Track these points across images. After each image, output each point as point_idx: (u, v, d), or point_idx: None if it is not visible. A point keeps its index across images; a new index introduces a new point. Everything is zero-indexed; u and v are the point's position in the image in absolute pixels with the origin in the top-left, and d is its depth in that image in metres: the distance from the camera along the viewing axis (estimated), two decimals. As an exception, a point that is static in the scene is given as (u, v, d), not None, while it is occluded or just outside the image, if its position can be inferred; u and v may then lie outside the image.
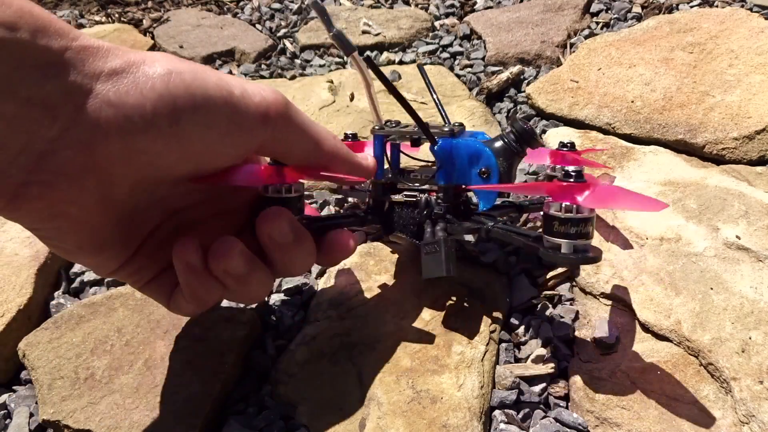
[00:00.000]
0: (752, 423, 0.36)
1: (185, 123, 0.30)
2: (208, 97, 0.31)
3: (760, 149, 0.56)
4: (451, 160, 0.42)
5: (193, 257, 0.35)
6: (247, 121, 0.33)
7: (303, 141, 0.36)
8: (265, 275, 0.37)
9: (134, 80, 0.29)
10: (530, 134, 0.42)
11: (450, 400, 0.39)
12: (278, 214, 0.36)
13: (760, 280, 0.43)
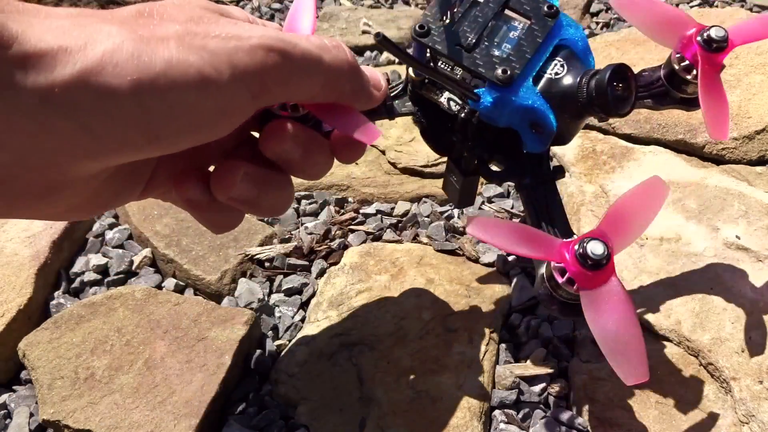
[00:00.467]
0: (752, 423, 0.36)
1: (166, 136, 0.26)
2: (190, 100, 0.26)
3: (760, 149, 0.56)
4: (498, 112, 0.33)
5: (193, 193, 0.32)
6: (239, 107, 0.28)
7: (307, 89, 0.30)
8: (278, 188, 0.34)
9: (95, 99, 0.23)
10: (610, 108, 0.32)
11: (450, 400, 0.39)
12: (279, 132, 0.32)
13: (760, 280, 0.43)
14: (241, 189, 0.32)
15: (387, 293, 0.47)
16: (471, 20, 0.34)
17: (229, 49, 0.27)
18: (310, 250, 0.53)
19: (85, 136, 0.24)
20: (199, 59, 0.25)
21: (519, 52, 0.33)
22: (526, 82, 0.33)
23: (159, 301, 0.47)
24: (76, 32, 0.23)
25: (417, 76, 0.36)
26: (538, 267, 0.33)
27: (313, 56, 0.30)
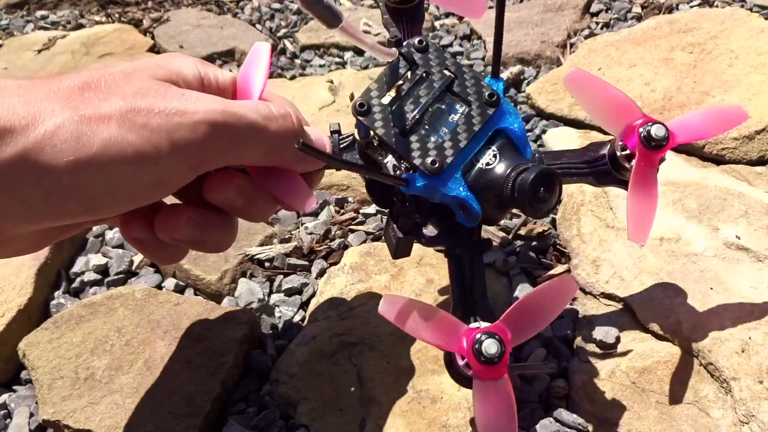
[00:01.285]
0: (752, 423, 0.36)
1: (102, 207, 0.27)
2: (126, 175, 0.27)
3: (760, 149, 0.56)
4: (427, 194, 0.34)
5: (138, 232, 0.33)
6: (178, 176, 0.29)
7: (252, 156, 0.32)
8: (221, 229, 0.35)
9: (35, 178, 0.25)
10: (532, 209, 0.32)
11: (450, 400, 0.39)
12: (222, 183, 0.33)
13: (760, 280, 0.43)
14: (184, 232, 0.33)
15: (387, 293, 0.47)
16: (415, 98, 0.34)
17: (171, 125, 0.28)
18: (310, 250, 0.53)
19: (23, 208, 0.25)
20: (137, 138, 0.27)
21: (454, 140, 0.34)
22: (455, 173, 0.34)
23: (159, 301, 0.47)
24: (22, 110, 0.25)
25: (363, 138, 0.36)
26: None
27: (258, 127, 0.31)
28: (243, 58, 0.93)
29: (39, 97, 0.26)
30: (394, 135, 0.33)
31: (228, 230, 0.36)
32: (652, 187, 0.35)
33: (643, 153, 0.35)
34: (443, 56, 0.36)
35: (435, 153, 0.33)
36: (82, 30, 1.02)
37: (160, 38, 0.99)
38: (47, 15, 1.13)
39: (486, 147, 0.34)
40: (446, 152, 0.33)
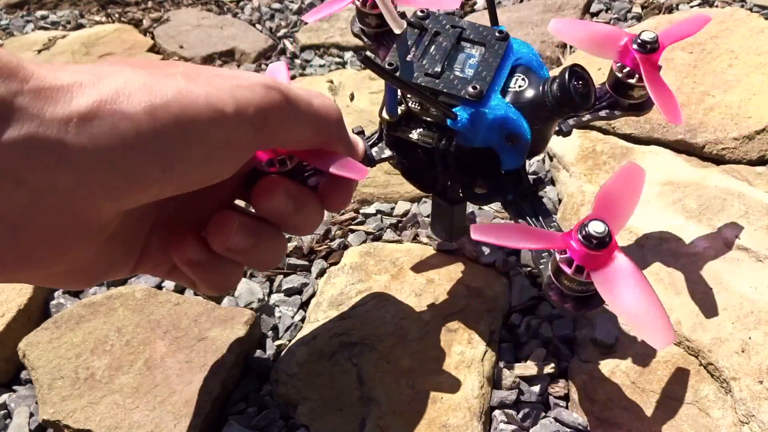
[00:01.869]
0: (752, 423, 0.36)
1: (179, 164, 0.26)
2: (200, 128, 0.26)
3: (760, 149, 0.56)
4: (475, 128, 0.35)
5: (193, 252, 0.33)
6: (244, 138, 0.29)
7: (302, 129, 0.32)
8: (273, 240, 0.34)
9: (113, 125, 0.24)
10: (575, 104, 0.33)
11: (450, 400, 0.39)
12: (271, 189, 0.33)
13: (759, 280, 0.43)
14: (238, 237, 0.32)
15: (387, 293, 0.47)
16: (431, 56, 0.36)
17: (232, 85, 0.28)
18: (310, 250, 0.53)
19: (101, 167, 0.24)
20: (204, 91, 0.26)
21: (481, 74, 0.35)
22: (495, 96, 0.35)
23: (159, 301, 0.47)
24: (89, 71, 0.24)
25: (391, 116, 0.37)
26: (544, 270, 0.33)
27: (304, 99, 0.32)
28: (243, 58, 0.93)
29: (101, 65, 0.26)
30: (428, 80, 0.34)
31: (279, 242, 0.35)
32: (663, 83, 0.39)
33: (644, 59, 0.38)
34: (445, 17, 0.38)
35: (471, 84, 0.35)
36: (82, 30, 1.02)
37: (160, 38, 0.99)
38: (47, 15, 1.13)
39: (511, 76, 0.36)
40: (480, 82, 0.35)
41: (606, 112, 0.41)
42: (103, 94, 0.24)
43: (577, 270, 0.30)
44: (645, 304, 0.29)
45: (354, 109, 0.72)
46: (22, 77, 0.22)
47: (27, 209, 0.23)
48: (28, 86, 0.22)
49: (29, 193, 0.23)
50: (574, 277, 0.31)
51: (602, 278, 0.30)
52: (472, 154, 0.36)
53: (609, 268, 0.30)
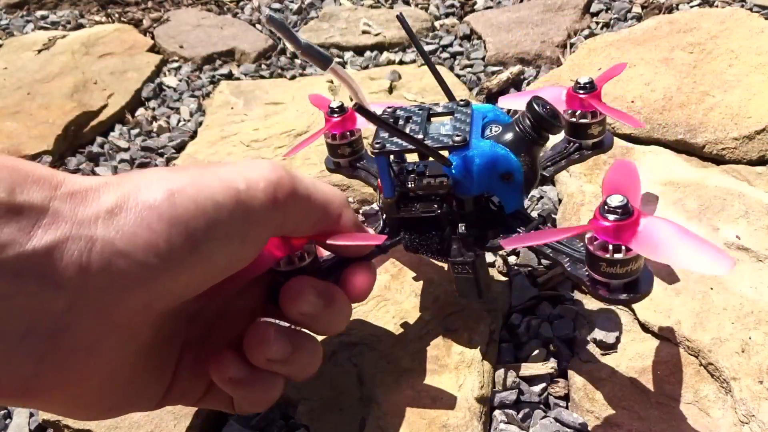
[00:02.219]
0: (752, 423, 0.36)
1: (205, 245, 0.27)
2: (218, 206, 0.27)
3: (760, 149, 0.56)
4: (471, 174, 0.37)
5: (234, 369, 0.32)
6: (261, 214, 0.29)
7: (312, 209, 0.33)
8: (310, 346, 0.34)
9: (137, 215, 0.25)
10: (549, 122, 0.37)
11: (450, 400, 0.39)
12: (300, 289, 0.33)
13: (760, 280, 0.43)
14: (278, 346, 0.32)
15: (387, 293, 0.47)
16: (411, 130, 0.38)
17: (240, 167, 0.30)
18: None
19: (130, 259, 0.25)
20: (216, 176, 0.28)
21: (459, 129, 0.38)
22: (478, 140, 0.38)
23: (159, 301, 0.47)
24: (114, 177, 0.27)
25: (389, 198, 0.39)
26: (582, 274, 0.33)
27: (309, 180, 0.33)
28: (243, 58, 0.93)
29: (120, 174, 0.28)
30: (414, 144, 0.36)
31: (316, 347, 0.35)
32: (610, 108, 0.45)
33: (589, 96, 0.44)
34: (412, 106, 0.41)
35: (454, 135, 0.37)
36: (82, 30, 1.02)
37: (160, 38, 0.99)
38: (47, 15, 1.13)
39: (485, 129, 0.40)
40: (461, 132, 0.38)
41: (578, 155, 0.46)
42: (126, 189, 0.26)
43: (615, 249, 0.30)
44: (692, 240, 0.29)
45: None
46: (55, 184, 0.24)
47: (64, 315, 0.24)
48: (60, 191, 0.24)
49: (66, 297, 0.23)
50: (615, 259, 0.30)
51: (641, 243, 0.29)
52: (474, 207, 0.38)
53: (642, 232, 0.29)
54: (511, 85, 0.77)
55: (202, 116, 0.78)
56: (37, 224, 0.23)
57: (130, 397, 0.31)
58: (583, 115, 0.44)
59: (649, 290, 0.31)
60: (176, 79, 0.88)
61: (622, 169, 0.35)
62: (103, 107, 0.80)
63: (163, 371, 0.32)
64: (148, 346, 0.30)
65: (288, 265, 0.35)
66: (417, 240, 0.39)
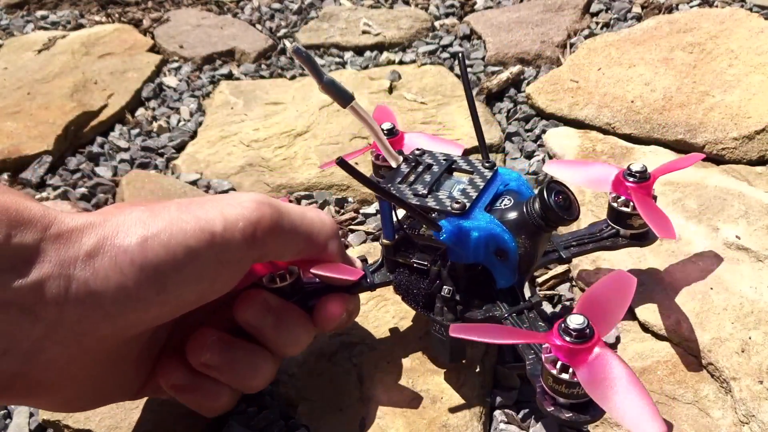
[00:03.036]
0: (752, 423, 0.36)
1: (172, 287, 0.29)
2: (190, 251, 0.29)
3: (760, 149, 0.57)
4: (461, 244, 0.36)
5: (176, 377, 0.34)
6: (236, 254, 0.31)
7: (295, 242, 0.34)
8: (252, 358, 0.35)
9: (111, 259, 0.27)
10: (556, 215, 0.35)
11: (450, 400, 0.39)
12: (250, 299, 0.35)
13: (759, 280, 0.43)
14: (212, 353, 0.33)
15: (387, 293, 0.47)
16: (422, 181, 0.38)
17: (222, 205, 0.31)
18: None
19: (102, 297, 0.27)
20: (194, 217, 0.30)
21: (466, 194, 0.37)
22: (479, 211, 0.36)
23: (159, 301, 0.47)
24: (100, 214, 0.29)
25: (388, 240, 0.39)
26: (534, 375, 0.32)
27: (297, 212, 0.34)
28: (243, 58, 0.93)
29: (109, 207, 0.31)
30: (418, 199, 0.37)
31: (261, 360, 0.35)
32: (655, 207, 0.40)
33: (636, 188, 0.40)
34: (440, 154, 0.41)
35: (455, 201, 0.36)
36: (82, 30, 1.02)
37: (160, 38, 0.99)
38: (47, 15, 1.13)
39: (497, 198, 0.38)
40: (464, 199, 0.37)
41: (610, 242, 0.43)
42: (105, 232, 0.28)
43: (563, 369, 0.30)
44: (634, 397, 0.29)
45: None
46: (46, 224, 0.27)
47: (40, 341, 0.27)
48: (50, 231, 0.27)
49: (43, 327, 0.26)
50: (559, 377, 0.30)
51: (587, 374, 0.29)
52: (467, 273, 0.37)
53: (592, 363, 0.29)
54: (511, 85, 0.77)
55: (202, 116, 0.78)
56: (26, 263, 0.26)
57: (103, 396, 0.34)
58: (626, 203, 0.41)
59: (598, 416, 0.30)
60: (176, 79, 0.88)
61: (616, 283, 0.33)
62: (103, 107, 0.80)
63: (139, 372, 0.35)
64: (123, 358, 0.32)
65: (270, 282, 0.36)
66: (406, 286, 0.39)
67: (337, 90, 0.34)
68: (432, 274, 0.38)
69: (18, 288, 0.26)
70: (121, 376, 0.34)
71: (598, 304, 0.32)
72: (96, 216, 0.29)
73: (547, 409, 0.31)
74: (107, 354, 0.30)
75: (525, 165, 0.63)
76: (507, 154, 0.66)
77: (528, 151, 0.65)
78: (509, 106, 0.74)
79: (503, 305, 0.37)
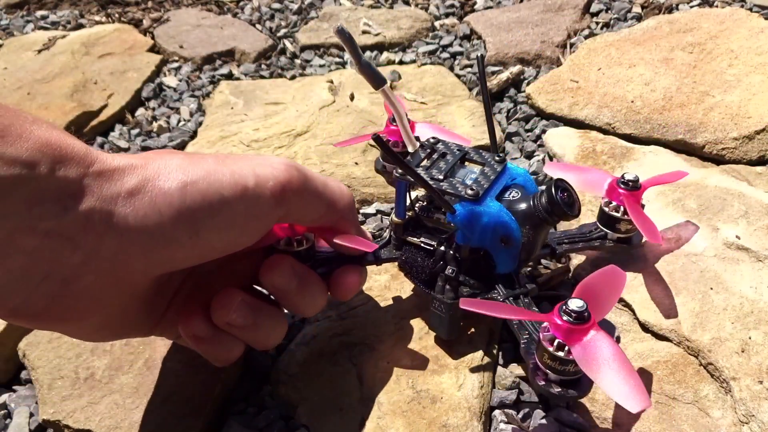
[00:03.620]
0: (752, 423, 0.36)
1: (204, 232, 0.31)
2: (224, 201, 0.31)
3: (760, 149, 0.57)
4: (471, 228, 0.38)
5: (198, 328, 0.36)
6: (264, 209, 0.33)
7: (317, 206, 0.36)
8: (272, 320, 0.37)
9: (151, 199, 0.29)
10: (561, 210, 0.38)
11: (450, 400, 0.39)
12: (279, 263, 0.37)
13: (759, 280, 0.43)
14: (239, 314, 0.35)
15: (387, 293, 0.47)
16: (437, 167, 0.41)
17: (255, 163, 0.33)
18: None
19: (139, 233, 0.29)
20: (230, 170, 0.32)
21: (478, 183, 0.40)
22: (491, 199, 0.39)
23: (159, 301, 0.47)
24: (140, 158, 0.31)
25: (399, 219, 0.42)
26: (529, 352, 0.35)
27: (320, 180, 0.36)
28: (243, 58, 0.93)
29: (149, 152, 0.32)
30: (434, 182, 0.39)
31: (279, 322, 0.38)
32: (644, 214, 0.43)
33: (628, 195, 0.44)
34: (453, 144, 0.44)
35: (469, 187, 0.39)
36: (82, 30, 1.02)
37: (160, 38, 0.99)
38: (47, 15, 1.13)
39: (506, 190, 0.41)
40: (477, 187, 0.39)
41: (598, 243, 0.46)
42: (147, 174, 0.30)
43: (559, 347, 0.32)
44: (621, 372, 0.31)
45: (354, 109, 0.72)
46: (89, 162, 0.28)
47: (78, 268, 0.28)
48: (92, 169, 0.28)
49: (82, 255, 0.28)
50: (555, 354, 0.32)
51: (582, 352, 0.32)
52: (470, 256, 0.40)
53: (588, 342, 0.32)
54: (511, 85, 0.77)
55: (202, 116, 0.78)
56: (70, 196, 0.27)
57: (122, 330, 0.36)
58: (616, 209, 0.44)
59: (584, 393, 0.33)
60: (176, 79, 0.88)
61: (609, 277, 0.36)
62: (103, 107, 0.80)
63: (154, 312, 0.37)
64: (144, 295, 0.34)
65: (287, 246, 0.39)
66: (410, 264, 0.42)
67: (373, 72, 0.36)
68: (437, 254, 0.41)
69: (62, 218, 0.27)
70: (142, 312, 0.36)
71: (592, 293, 0.34)
72: (138, 159, 0.30)
73: (539, 384, 0.34)
74: (135, 288, 0.32)
75: (525, 165, 0.63)
76: (507, 154, 0.66)
77: (528, 151, 0.65)
78: (509, 106, 0.74)
79: (501, 288, 0.40)
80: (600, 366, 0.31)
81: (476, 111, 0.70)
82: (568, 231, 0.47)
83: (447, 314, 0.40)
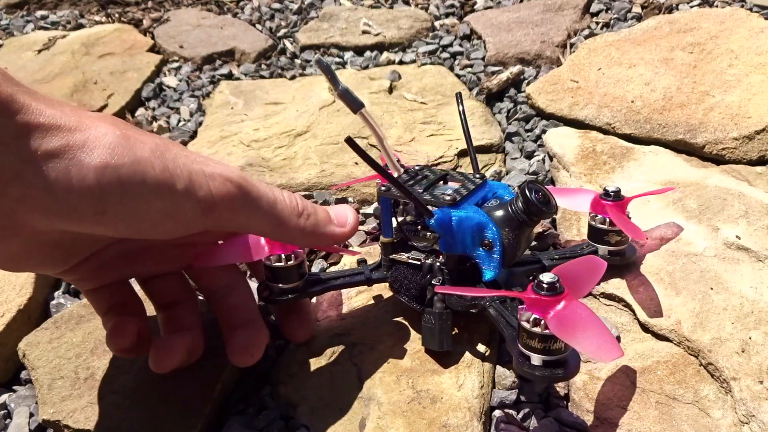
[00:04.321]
0: (752, 423, 0.36)
1: (111, 215, 0.30)
2: (140, 194, 0.30)
3: (760, 149, 0.57)
4: (451, 231, 0.40)
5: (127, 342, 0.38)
6: (187, 214, 0.32)
7: (258, 223, 0.36)
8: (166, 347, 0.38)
9: (66, 167, 0.28)
10: (537, 207, 0.39)
11: (450, 400, 0.39)
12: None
13: (760, 280, 0.43)
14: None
15: (387, 293, 0.47)
16: (419, 184, 0.43)
17: (194, 167, 0.32)
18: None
19: (43, 194, 0.28)
20: (163, 166, 0.30)
21: (457, 191, 0.42)
22: (468, 205, 0.41)
23: (159, 301, 0.47)
24: (73, 117, 0.29)
25: (387, 238, 0.43)
26: (513, 344, 0.35)
27: (268, 198, 0.35)
28: (243, 58, 0.93)
29: (88, 115, 0.30)
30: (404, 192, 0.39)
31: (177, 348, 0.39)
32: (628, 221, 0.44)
33: (612, 205, 0.44)
34: (435, 169, 0.45)
35: (448, 195, 0.41)
36: (82, 30, 1.02)
37: (160, 38, 0.99)
38: (47, 15, 1.13)
39: (485, 200, 0.43)
40: (456, 195, 0.41)
41: None
42: (72, 141, 0.28)
43: (535, 323, 0.33)
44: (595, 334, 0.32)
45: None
46: (15, 109, 0.27)
47: None
48: (16, 118, 0.27)
49: None
50: (532, 330, 0.33)
51: (556, 322, 0.32)
52: (457, 267, 0.41)
53: (560, 312, 0.32)
54: (511, 85, 0.77)
55: (202, 116, 0.78)
56: None
57: (32, 266, 0.37)
58: (603, 221, 0.45)
59: (570, 374, 0.33)
60: (176, 79, 0.88)
61: (588, 264, 0.36)
62: (103, 107, 0.80)
63: (66, 257, 0.36)
64: (51, 241, 0.33)
65: (276, 261, 0.40)
66: (400, 282, 0.43)
67: (351, 98, 0.38)
68: (425, 267, 0.42)
69: None
70: (48, 255, 0.35)
71: (570, 275, 0.34)
72: (71, 119, 0.29)
73: (524, 369, 0.34)
74: (37, 234, 0.31)
75: (525, 165, 0.63)
76: (507, 154, 0.66)
77: (528, 151, 0.65)
78: (509, 106, 0.74)
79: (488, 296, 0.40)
80: (575, 330, 0.32)
81: (476, 111, 0.70)
82: (560, 249, 0.48)
83: (438, 324, 0.40)
